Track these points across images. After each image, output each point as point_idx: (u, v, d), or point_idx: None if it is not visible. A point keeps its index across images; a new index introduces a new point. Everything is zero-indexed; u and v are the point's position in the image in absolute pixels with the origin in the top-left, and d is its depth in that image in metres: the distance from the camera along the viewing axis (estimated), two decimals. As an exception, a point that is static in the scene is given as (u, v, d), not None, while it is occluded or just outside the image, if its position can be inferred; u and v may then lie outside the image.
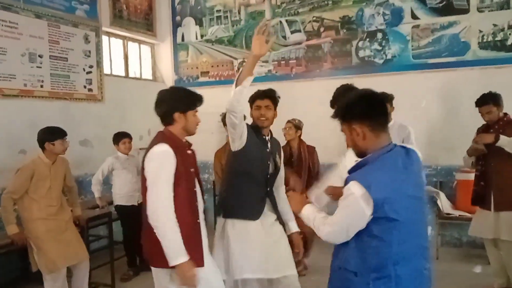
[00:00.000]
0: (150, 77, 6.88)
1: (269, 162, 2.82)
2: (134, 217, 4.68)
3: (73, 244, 3.45)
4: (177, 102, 2.39)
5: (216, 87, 6.50)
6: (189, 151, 2.44)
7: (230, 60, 6.44)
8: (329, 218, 1.85)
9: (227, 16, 6.42)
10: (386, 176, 1.72)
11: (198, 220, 2.42)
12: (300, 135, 4.59)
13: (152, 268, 2.41)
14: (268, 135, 2.86)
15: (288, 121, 4.53)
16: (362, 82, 5.52)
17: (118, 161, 4.57)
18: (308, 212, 2.01)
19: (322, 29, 5.85)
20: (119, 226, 4.69)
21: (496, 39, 5.05)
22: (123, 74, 6.34)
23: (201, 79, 6.64)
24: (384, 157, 1.77)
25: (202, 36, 6.62)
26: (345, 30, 5.74)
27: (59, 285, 3.32)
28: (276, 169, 2.87)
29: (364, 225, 1.72)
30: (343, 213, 1.78)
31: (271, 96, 2.84)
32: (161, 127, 2.46)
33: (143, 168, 2.31)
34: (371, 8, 5.56)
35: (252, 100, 2.85)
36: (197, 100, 2.44)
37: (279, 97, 2.88)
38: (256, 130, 2.79)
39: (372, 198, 1.67)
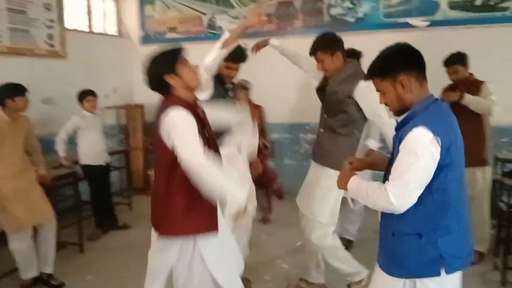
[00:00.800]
0: (115, 33, 6.62)
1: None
2: (102, 176, 4.65)
3: (39, 203, 3.37)
4: (159, 66, 2.16)
5: (185, 43, 6.28)
6: (199, 110, 2.24)
7: (198, 15, 6.22)
8: (392, 179, 1.64)
9: (195, -31, 6.17)
10: (444, 122, 1.65)
11: None
12: (248, 95, 4.47)
13: (169, 239, 2.22)
14: (231, 84, 3.10)
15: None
16: (333, 40, 5.47)
17: (83, 120, 4.44)
18: (356, 183, 1.81)
19: (293, -15, 5.72)
20: (86, 186, 4.62)
21: (466, -1, 5.07)
22: (86, 29, 6.06)
23: (169, 35, 6.42)
24: (434, 105, 1.69)
25: (169, -11, 6.36)
26: (317, -13, 5.63)
27: (25, 246, 3.27)
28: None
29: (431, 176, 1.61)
30: (413, 165, 1.59)
31: (243, 60, 3.03)
32: (125, 86, 2.36)
33: (158, 141, 2.11)
34: (344, -36, 5.45)
35: (225, 59, 2.86)
36: (177, 51, 2.19)
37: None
38: (220, 79, 2.98)
39: (441, 143, 1.58)
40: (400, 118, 1.75)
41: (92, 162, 4.50)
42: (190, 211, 2.17)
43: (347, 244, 4.05)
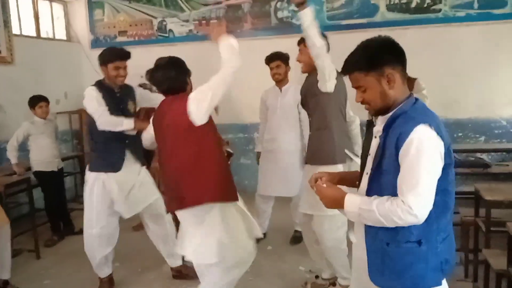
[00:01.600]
0: (64, 37, 6.56)
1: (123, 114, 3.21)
2: (55, 182, 4.64)
3: (-8, 211, 3.37)
4: (185, 70, 2.69)
5: (135, 47, 6.33)
6: None
7: (149, 19, 6.28)
8: (409, 188, 1.44)
9: (144, -28, 6.22)
10: (438, 120, 1.53)
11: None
12: None
13: (193, 210, 2.54)
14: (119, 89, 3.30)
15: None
16: (281, 42, 5.76)
17: (34, 126, 4.42)
18: (357, 205, 1.56)
19: (241, -11, 5.89)
20: (39, 193, 4.60)
21: (402, 1, 5.42)
22: (34, 34, 5.98)
23: (119, 39, 6.43)
24: (419, 104, 1.59)
25: (118, -7, 6.37)
26: (263, -9, 5.82)
27: (-21, 253, 3.27)
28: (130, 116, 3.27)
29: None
30: (427, 168, 1.44)
31: (128, 57, 3.28)
32: (76, 90, 2.46)
33: (183, 126, 2.49)
34: (289, -31, 5.68)
35: (110, 60, 3.17)
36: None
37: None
38: (107, 87, 3.24)
39: (444, 141, 1.48)
40: (381, 118, 1.63)
41: (44, 168, 4.49)
42: (221, 180, 2.59)
43: (300, 236, 4.27)
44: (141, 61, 6.68)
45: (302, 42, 3.02)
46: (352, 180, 1.80)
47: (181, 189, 2.54)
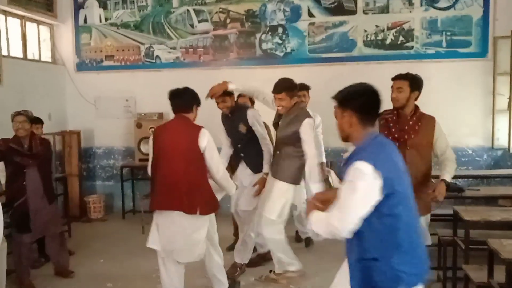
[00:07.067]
0: (50, 59, 6.62)
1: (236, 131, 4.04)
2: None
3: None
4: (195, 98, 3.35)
5: (121, 71, 6.53)
6: None
7: (136, 45, 6.46)
8: (337, 205, 1.84)
9: (133, 0, 6.41)
10: (386, 154, 1.87)
11: None
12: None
13: (193, 219, 3.09)
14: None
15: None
16: (265, 72, 6.05)
17: (27, 147, 4.44)
18: (314, 216, 1.99)
19: (228, 21, 6.19)
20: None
21: (378, 38, 5.87)
22: (21, 55, 6.03)
23: (106, 63, 6.57)
24: (377, 140, 1.93)
25: (106, 19, 6.52)
26: (249, 23, 6.15)
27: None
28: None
29: (374, 204, 1.79)
30: (353, 192, 1.79)
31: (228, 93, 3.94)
32: (60, 112, 2.48)
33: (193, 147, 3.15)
34: (273, 4, 6.05)
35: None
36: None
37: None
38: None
39: (381, 174, 1.77)
40: (347, 153, 2.02)
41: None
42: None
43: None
44: (127, 85, 6.88)
45: (284, 91, 3.67)
46: None
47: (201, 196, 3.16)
